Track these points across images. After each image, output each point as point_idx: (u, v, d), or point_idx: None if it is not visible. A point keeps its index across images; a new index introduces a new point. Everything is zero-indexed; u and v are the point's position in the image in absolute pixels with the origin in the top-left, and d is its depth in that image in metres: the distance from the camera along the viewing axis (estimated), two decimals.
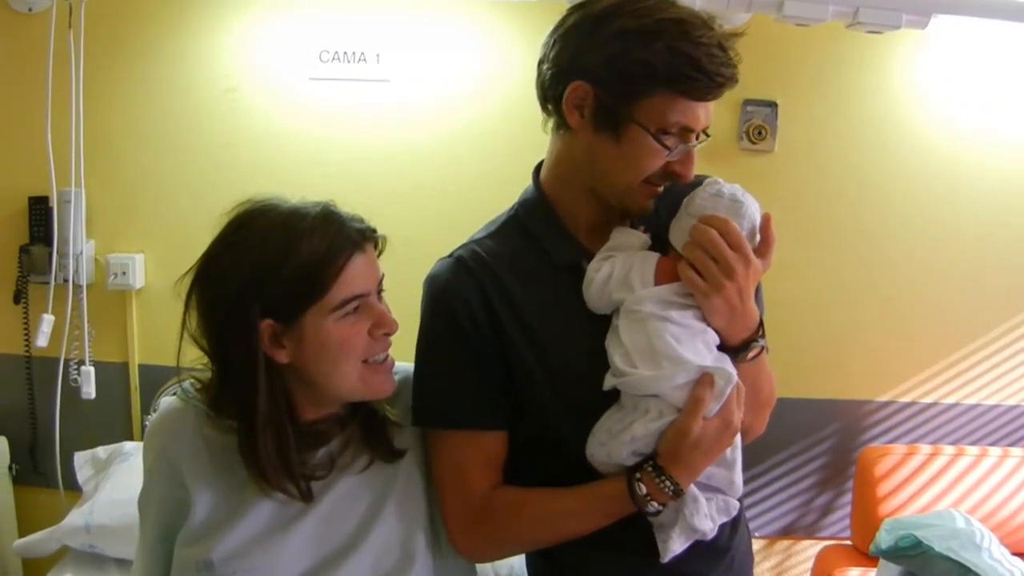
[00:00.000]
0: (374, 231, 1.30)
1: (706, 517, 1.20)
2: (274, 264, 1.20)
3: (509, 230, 1.37)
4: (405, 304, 2.43)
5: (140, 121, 2.47)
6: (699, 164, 2.44)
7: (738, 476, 1.24)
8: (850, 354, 2.60)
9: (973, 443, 2.60)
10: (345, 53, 2.40)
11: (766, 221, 1.24)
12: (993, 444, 2.60)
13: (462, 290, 1.30)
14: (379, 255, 1.33)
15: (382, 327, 1.26)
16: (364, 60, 2.40)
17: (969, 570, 2.13)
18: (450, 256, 1.36)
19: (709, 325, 1.22)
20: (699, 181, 1.26)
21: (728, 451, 1.22)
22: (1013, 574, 2.17)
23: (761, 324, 1.25)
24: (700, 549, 1.23)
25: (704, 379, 1.17)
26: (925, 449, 2.51)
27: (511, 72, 2.43)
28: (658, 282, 1.23)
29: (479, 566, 1.52)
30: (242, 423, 1.27)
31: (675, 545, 1.20)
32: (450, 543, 1.34)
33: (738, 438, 1.24)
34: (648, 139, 1.19)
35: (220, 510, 1.30)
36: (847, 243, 2.55)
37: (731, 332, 1.22)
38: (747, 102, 2.39)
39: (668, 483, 1.16)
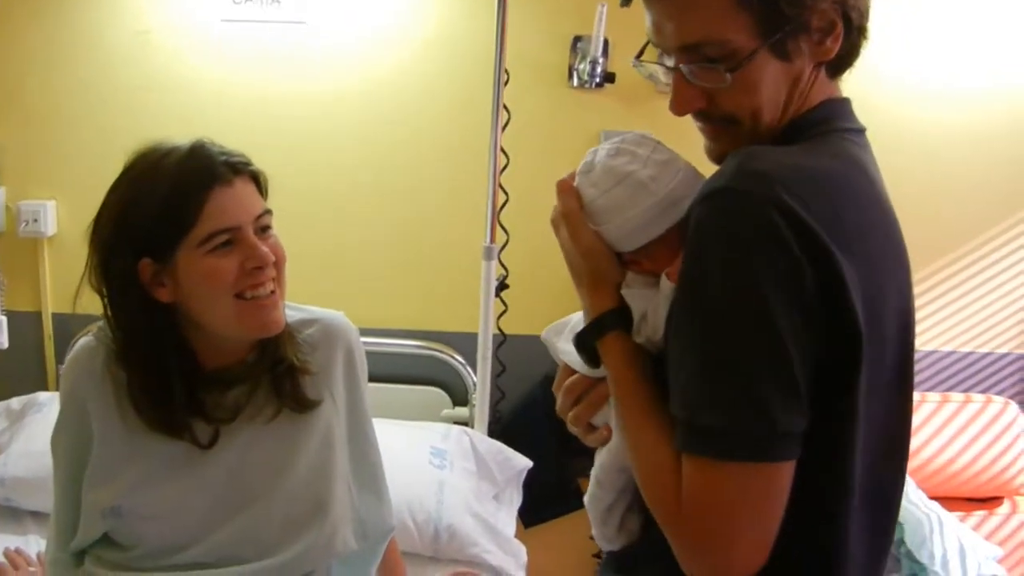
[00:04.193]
0: (247, 164, 1.28)
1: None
2: (141, 202, 1.23)
3: None
4: (318, 248, 2.42)
5: (50, 64, 2.40)
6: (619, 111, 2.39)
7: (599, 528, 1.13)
8: None
9: None
10: None
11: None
12: None
13: None
14: (264, 192, 1.31)
15: (253, 260, 1.24)
16: (278, 1, 2.35)
17: None
18: None
19: None
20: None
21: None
22: (929, 516, 2.20)
23: (600, 320, 1.05)
24: None
25: None
26: None
27: (430, 13, 2.40)
28: None
29: (398, 515, 1.54)
30: (127, 365, 1.28)
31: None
32: None
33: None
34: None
35: (121, 451, 1.30)
36: None
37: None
38: None
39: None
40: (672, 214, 1.02)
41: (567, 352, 1.12)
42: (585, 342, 1.06)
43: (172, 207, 1.21)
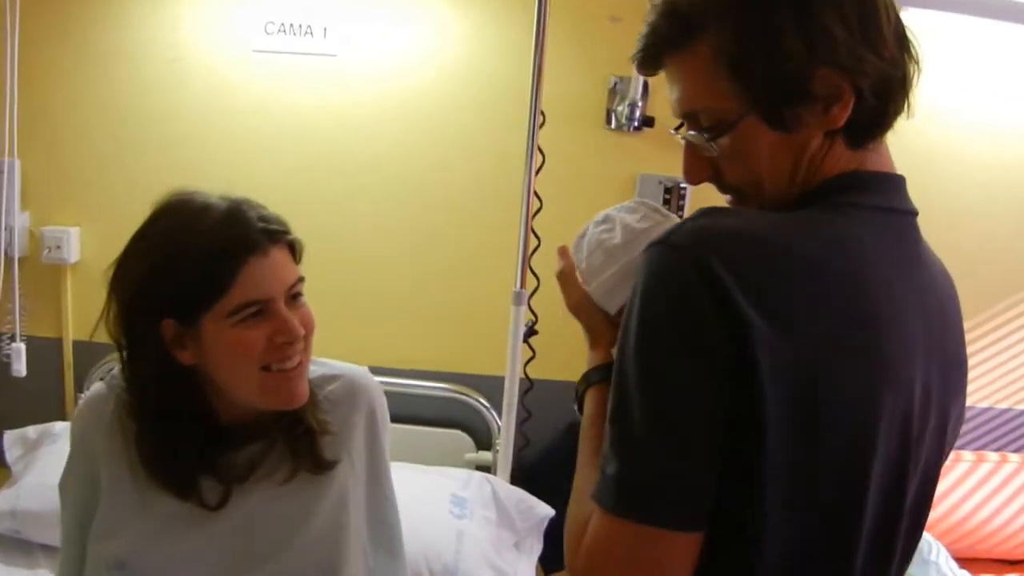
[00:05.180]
0: (284, 233, 1.23)
1: None
2: (171, 264, 1.17)
3: None
4: (343, 286, 2.38)
5: (78, 90, 2.37)
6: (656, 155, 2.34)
7: None
8: None
9: None
10: (291, 26, 2.30)
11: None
12: None
13: None
14: (298, 258, 1.27)
15: (282, 335, 1.19)
16: (310, 33, 2.31)
17: None
18: None
19: None
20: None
21: None
22: None
23: (587, 373, 1.10)
24: None
25: None
26: None
27: (465, 52, 2.35)
28: None
29: (414, 565, 1.48)
30: (139, 418, 1.24)
31: None
32: None
33: None
34: None
35: (129, 504, 1.26)
36: None
37: None
38: None
39: None
40: (631, 283, 1.01)
41: None
42: (576, 391, 1.10)
43: (203, 275, 1.15)
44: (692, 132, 0.97)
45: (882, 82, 0.91)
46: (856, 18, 0.89)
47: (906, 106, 0.95)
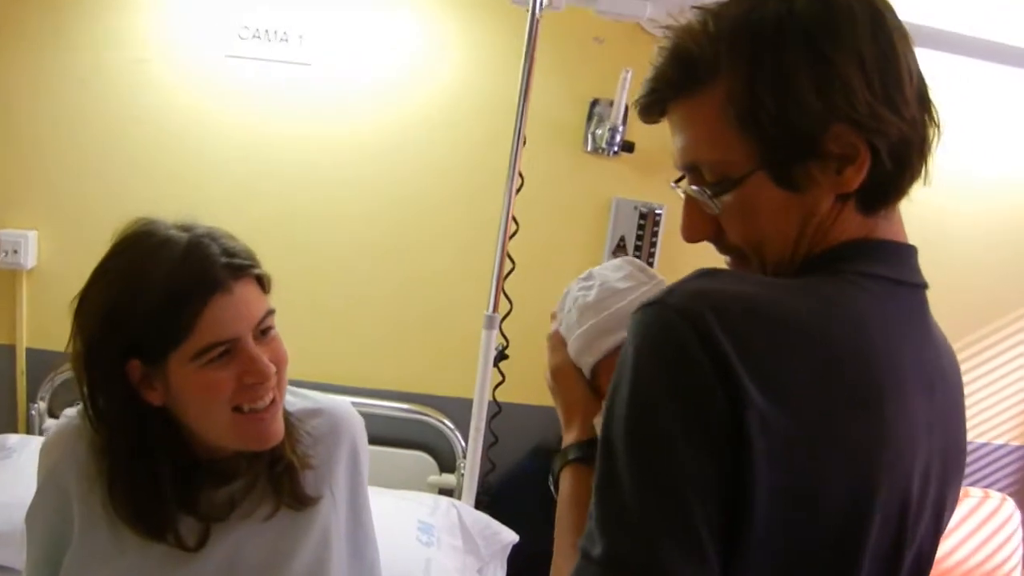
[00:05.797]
0: (250, 266, 1.17)
1: None
2: (131, 304, 1.11)
3: None
4: (310, 302, 2.31)
5: (39, 87, 2.27)
6: (633, 179, 2.30)
7: None
8: None
9: None
10: (266, 31, 2.23)
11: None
12: None
13: None
14: (267, 289, 1.22)
15: (252, 376, 1.14)
16: (286, 40, 2.24)
17: None
18: None
19: None
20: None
21: None
22: None
23: (564, 451, 1.00)
24: None
25: None
26: None
27: (444, 60, 2.30)
28: None
29: None
30: (110, 457, 1.18)
31: None
32: None
33: None
34: None
35: (104, 544, 1.20)
36: None
37: None
38: None
39: None
40: (601, 343, 1.00)
41: None
42: (551, 471, 1.02)
43: (164, 318, 1.10)
44: (694, 188, 0.91)
45: (901, 144, 0.86)
46: (877, 74, 0.84)
47: (923, 171, 0.90)
